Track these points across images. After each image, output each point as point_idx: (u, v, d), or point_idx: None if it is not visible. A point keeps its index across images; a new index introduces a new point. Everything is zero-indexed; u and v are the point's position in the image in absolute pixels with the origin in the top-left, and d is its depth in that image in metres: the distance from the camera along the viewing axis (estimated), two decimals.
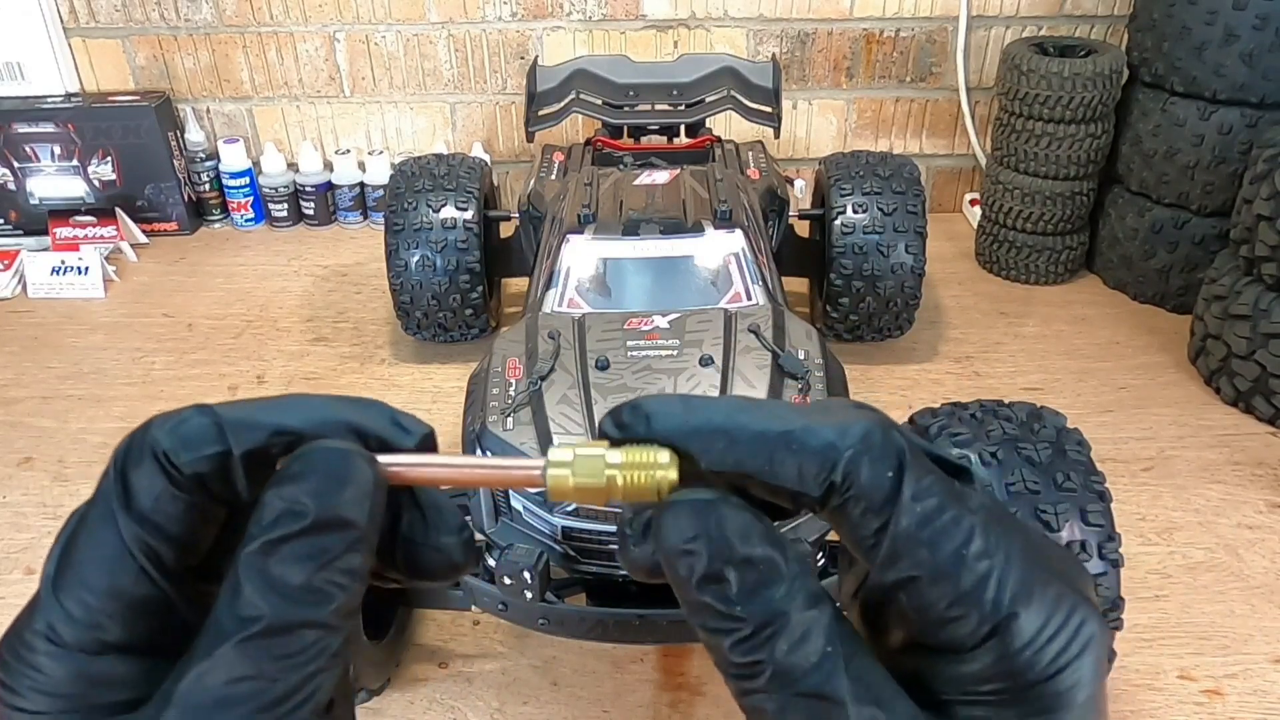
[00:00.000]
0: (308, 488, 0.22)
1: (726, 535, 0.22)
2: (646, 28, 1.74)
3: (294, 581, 0.21)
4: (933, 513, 0.22)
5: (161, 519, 0.23)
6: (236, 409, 0.24)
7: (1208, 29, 1.34)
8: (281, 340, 1.48)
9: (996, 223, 1.62)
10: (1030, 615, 0.21)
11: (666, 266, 1.04)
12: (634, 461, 0.24)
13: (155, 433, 0.23)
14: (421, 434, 0.25)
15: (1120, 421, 1.28)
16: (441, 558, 0.25)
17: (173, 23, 1.75)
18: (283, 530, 0.21)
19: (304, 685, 0.21)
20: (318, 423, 0.24)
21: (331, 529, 0.22)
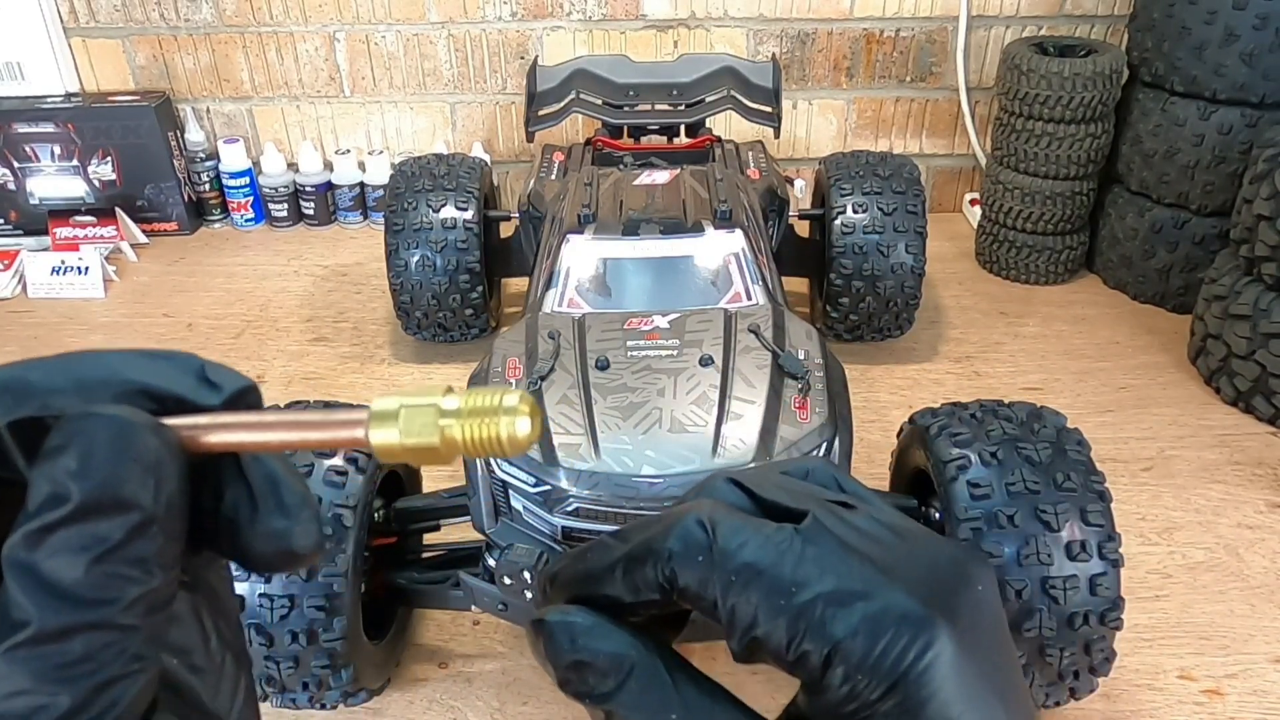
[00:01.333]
0: (68, 464, 0.18)
1: (561, 645, 0.24)
2: (646, 28, 1.74)
3: (68, 577, 0.18)
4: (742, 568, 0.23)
5: None
6: (3, 370, 0.20)
7: (1208, 29, 1.34)
8: (281, 340, 1.48)
9: (996, 223, 1.62)
10: (855, 639, 0.21)
11: (666, 266, 1.04)
12: (474, 407, 0.20)
13: None
14: (234, 389, 0.21)
15: (1120, 421, 1.28)
16: (274, 543, 0.21)
17: (173, 23, 1.75)
18: (46, 518, 0.18)
19: (95, 697, 0.18)
20: (98, 382, 0.20)
21: (105, 513, 0.18)
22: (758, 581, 0.22)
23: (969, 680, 0.21)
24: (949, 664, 0.21)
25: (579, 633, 0.24)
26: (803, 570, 0.22)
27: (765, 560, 0.22)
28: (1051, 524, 0.74)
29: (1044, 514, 0.74)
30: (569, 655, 0.24)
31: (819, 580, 0.22)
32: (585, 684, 0.24)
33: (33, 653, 0.17)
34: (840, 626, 0.21)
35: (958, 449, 0.79)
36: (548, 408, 0.85)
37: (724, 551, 0.23)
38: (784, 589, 0.22)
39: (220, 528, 0.21)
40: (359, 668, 0.83)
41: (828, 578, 0.22)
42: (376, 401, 0.20)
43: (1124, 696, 0.90)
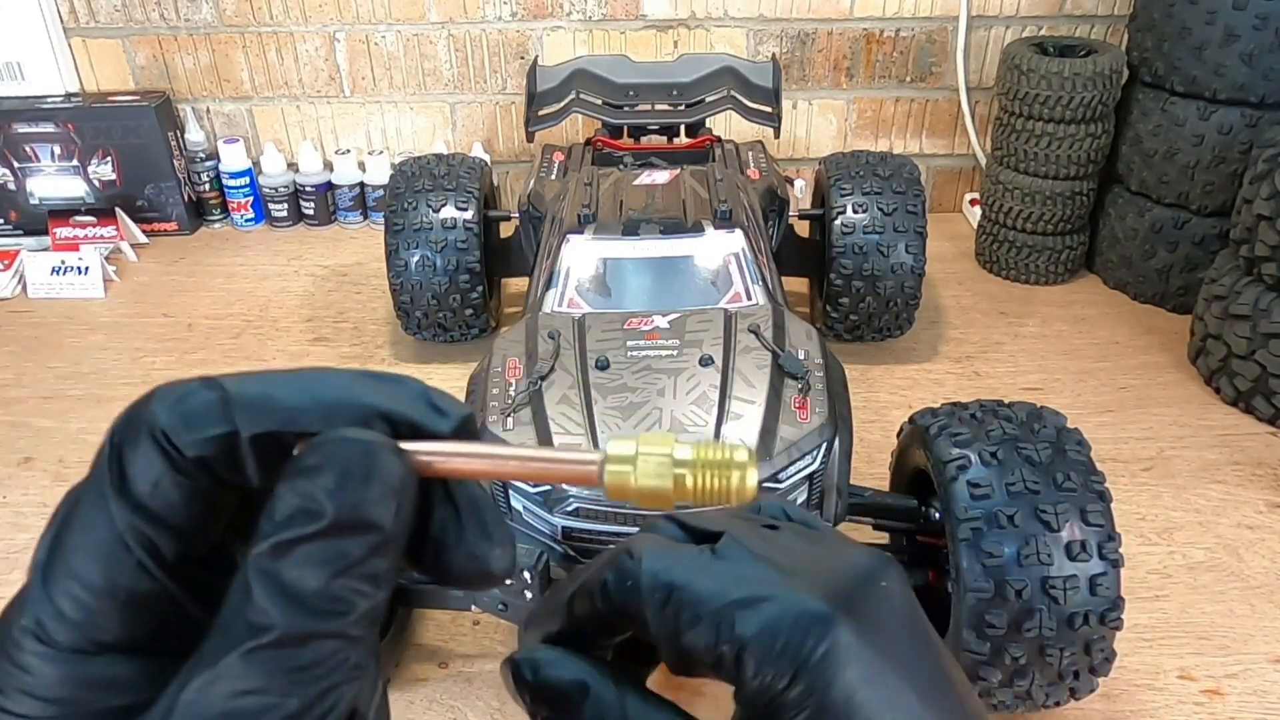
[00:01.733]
0: (324, 484, 0.19)
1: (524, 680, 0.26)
2: (646, 28, 1.74)
3: (310, 588, 0.19)
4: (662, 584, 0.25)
5: (160, 506, 0.20)
6: (249, 383, 0.21)
7: (1208, 29, 1.34)
8: (281, 340, 1.48)
9: (996, 223, 1.62)
10: (761, 636, 0.23)
11: (666, 266, 1.04)
12: (706, 459, 0.22)
13: (155, 407, 0.20)
14: (460, 417, 0.22)
15: (1120, 421, 1.28)
16: (475, 565, 0.22)
17: (173, 23, 1.75)
18: (296, 531, 0.19)
19: (320, 701, 0.19)
20: (340, 405, 0.21)
21: (352, 531, 0.19)
22: (677, 596, 0.24)
23: (872, 667, 0.22)
24: (848, 652, 0.22)
25: (541, 664, 0.26)
26: (715, 582, 0.24)
27: (683, 578, 0.24)
28: (1051, 524, 0.74)
29: (1044, 514, 0.74)
30: (531, 685, 0.25)
31: (730, 590, 0.23)
32: (547, 710, 0.25)
33: (272, 655, 0.19)
34: (748, 626, 0.23)
35: (958, 449, 0.79)
36: (548, 407, 0.85)
37: (648, 574, 0.24)
38: (700, 601, 0.24)
39: (426, 546, 0.22)
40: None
41: (738, 587, 0.24)
42: (612, 444, 0.22)
43: (1124, 696, 0.90)
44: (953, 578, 0.76)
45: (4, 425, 1.30)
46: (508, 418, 0.85)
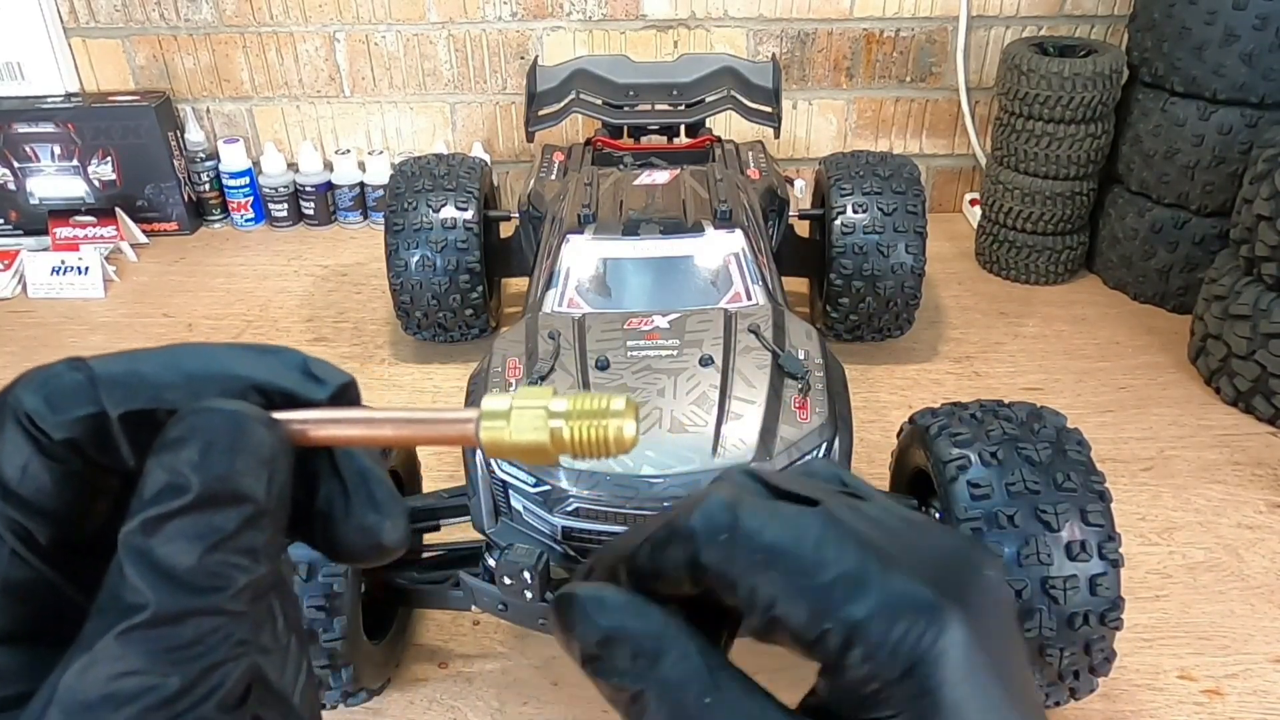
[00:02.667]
0: (189, 456, 0.19)
1: (592, 620, 0.23)
2: (646, 28, 1.74)
3: (182, 564, 0.18)
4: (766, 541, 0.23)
5: (30, 492, 0.19)
6: (115, 361, 0.20)
7: (1208, 29, 1.34)
8: (281, 340, 1.48)
9: (996, 223, 1.62)
10: (874, 621, 0.21)
11: (666, 266, 1.04)
12: (582, 409, 0.21)
13: (19, 391, 0.20)
14: (339, 384, 0.22)
15: (1120, 421, 1.28)
16: (365, 537, 0.22)
17: (173, 23, 1.75)
18: (165, 506, 0.19)
19: (202, 679, 0.18)
20: (209, 377, 0.21)
21: (222, 504, 0.19)
22: (779, 562, 0.22)
23: (978, 667, 0.21)
24: (961, 649, 0.21)
25: (611, 608, 0.23)
26: (822, 552, 0.22)
27: (786, 541, 0.22)
28: (1051, 524, 0.74)
29: (1044, 514, 0.74)
30: (599, 631, 0.23)
31: (838, 562, 0.22)
32: (614, 663, 0.23)
33: (147, 635, 0.18)
34: (860, 608, 0.21)
35: (958, 449, 0.79)
36: None
37: (746, 532, 0.23)
38: (805, 570, 0.22)
39: (313, 520, 0.22)
40: (359, 667, 0.83)
41: (846, 560, 0.22)
42: (487, 400, 0.21)
43: (1124, 696, 0.90)
44: None
45: None
46: None
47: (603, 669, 0.23)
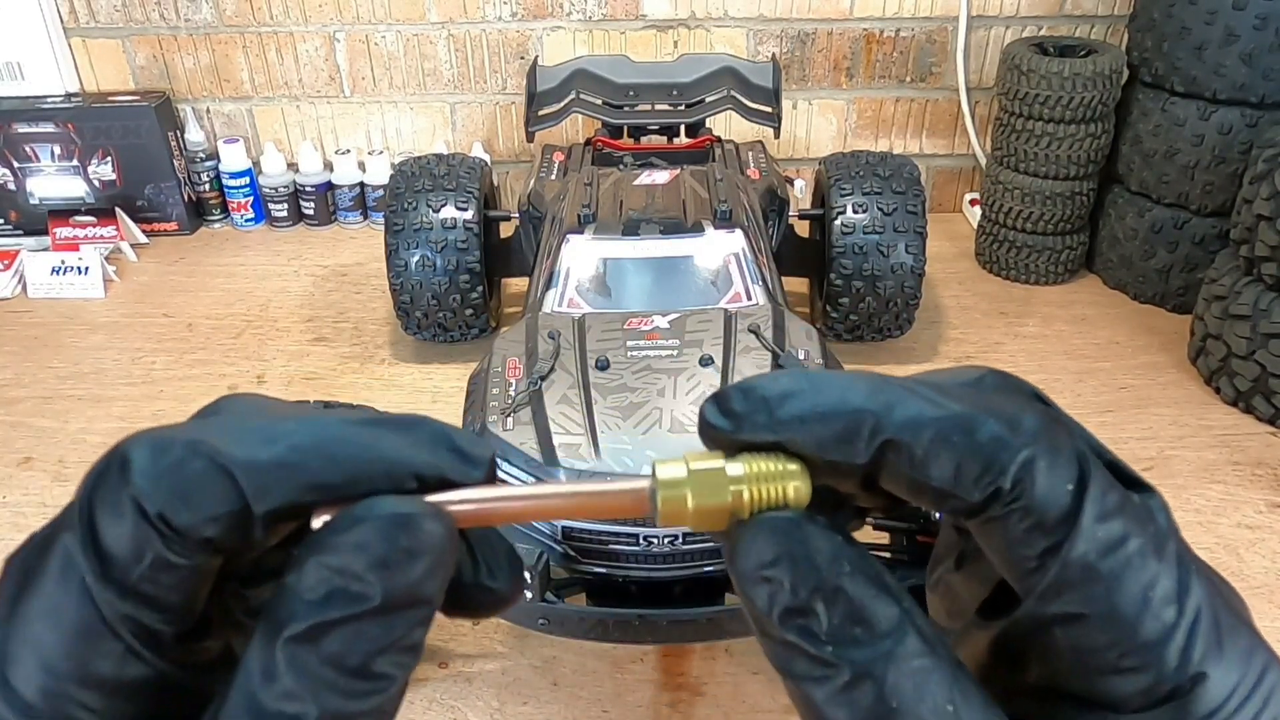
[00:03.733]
0: (370, 561, 0.18)
1: (815, 561, 0.18)
2: (646, 28, 1.74)
3: (350, 666, 0.17)
4: (1117, 541, 0.18)
5: (152, 589, 0.18)
6: (252, 447, 0.18)
7: (1208, 29, 1.34)
8: (281, 340, 1.48)
9: (996, 223, 1.62)
10: (1221, 676, 0.17)
11: (666, 266, 1.04)
12: (760, 473, 0.20)
13: (139, 481, 0.18)
14: (487, 460, 0.20)
15: (1120, 421, 1.28)
16: (487, 595, 0.21)
17: (173, 23, 1.75)
18: (340, 612, 0.17)
19: None
20: (365, 466, 0.19)
21: (402, 609, 0.18)
22: (1138, 563, 0.18)
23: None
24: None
25: (845, 557, 0.18)
26: (1181, 580, 0.19)
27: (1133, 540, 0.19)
28: None
29: None
30: (829, 579, 0.18)
31: (1189, 595, 0.18)
32: (846, 635, 0.18)
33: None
34: (1214, 662, 0.18)
35: None
36: (548, 407, 0.85)
37: (1101, 496, 0.19)
38: (1151, 584, 0.18)
39: None
40: None
41: (1203, 597, 0.19)
42: (661, 469, 0.20)
43: None
44: None
45: (4, 425, 1.30)
46: (508, 418, 0.85)
47: (809, 634, 0.18)
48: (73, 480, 1.20)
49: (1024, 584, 0.19)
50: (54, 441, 1.27)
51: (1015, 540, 0.18)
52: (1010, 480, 0.18)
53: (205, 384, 1.38)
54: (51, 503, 1.16)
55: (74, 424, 1.30)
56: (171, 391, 1.37)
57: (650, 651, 0.94)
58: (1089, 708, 0.18)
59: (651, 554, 0.80)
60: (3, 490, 1.18)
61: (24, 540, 0.19)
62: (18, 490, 1.18)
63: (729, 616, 0.79)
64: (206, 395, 1.38)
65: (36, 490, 1.18)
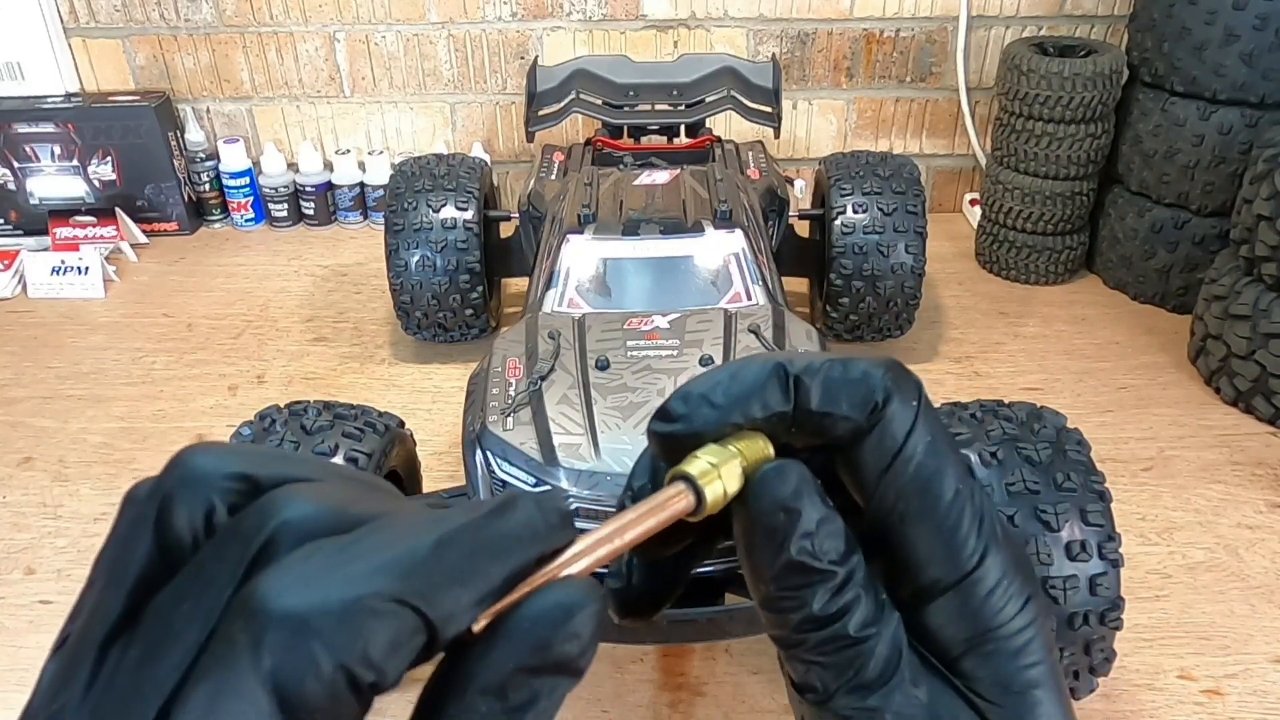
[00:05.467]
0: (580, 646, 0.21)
1: (813, 499, 0.22)
2: (646, 28, 1.74)
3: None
4: (942, 447, 0.24)
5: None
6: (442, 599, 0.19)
7: (1208, 29, 1.34)
8: (281, 340, 1.48)
9: (996, 223, 1.62)
10: (995, 561, 0.23)
11: (666, 266, 1.04)
12: (745, 447, 0.23)
13: (344, 653, 0.18)
14: (571, 516, 0.23)
15: (1120, 421, 1.28)
16: None
17: (173, 23, 1.75)
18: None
19: None
20: (512, 574, 0.21)
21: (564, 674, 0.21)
22: (953, 465, 0.24)
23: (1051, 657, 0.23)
24: (1046, 632, 0.23)
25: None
26: (974, 488, 0.24)
27: (950, 450, 0.24)
28: (1051, 524, 0.74)
29: (1044, 514, 0.74)
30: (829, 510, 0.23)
31: (979, 499, 0.24)
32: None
33: None
34: (991, 554, 0.23)
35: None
36: (548, 407, 0.85)
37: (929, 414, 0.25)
38: (959, 483, 0.23)
39: None
40: None
41: (988, 508, 0.24)
42: (689, 467, 0.23)
43: (1124, 696, 0.90)
44: None
45: (4, 425, 1.30)
46: (508, 418, 0.85)
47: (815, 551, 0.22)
48: (72, 480, 1.20)
49: (872, 487, 0.23)
50: (54, 441, 1.27)
51: (873, 448, 0.23)
52: (880, 398, 0.23)
53: (205, 384, 1.38)
54: (51, 503, 1.16)
55: (74, 424, 1.30)
56: (171, 391, 1.37)
57: (650, 651, 0.94)
58: (918, 602, 0.23)
59: None
60: (3, 490, 1.18)
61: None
62: (18, 490, 1.18)
63: (729, 617, 0.79)
64: (206, 395, 1.39)
65: (36, 490, 1.18)
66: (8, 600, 1.02)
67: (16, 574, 1.06)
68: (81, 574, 1.04)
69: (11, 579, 1.05)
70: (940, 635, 0.23)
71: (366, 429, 0.89)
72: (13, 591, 1.04)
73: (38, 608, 1.01)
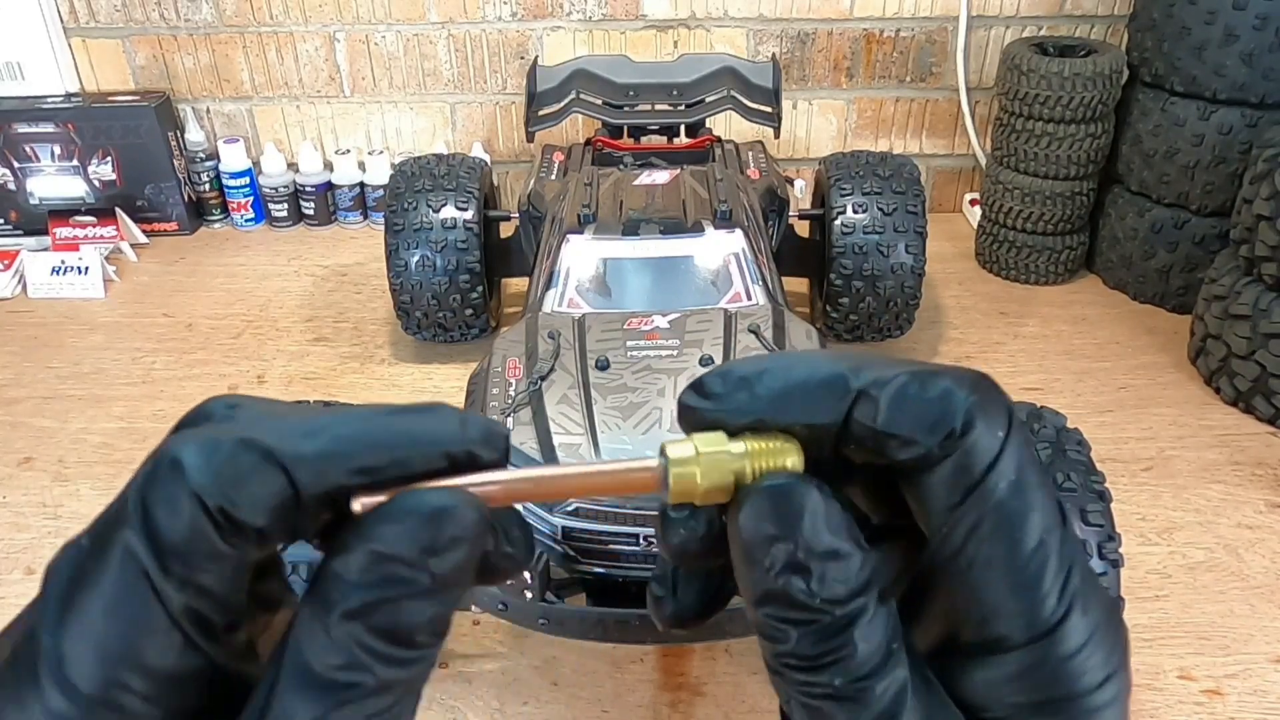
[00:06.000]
0: (420, 548, 0.19)
1: (816, 526, 0.20)
2: (646, 28, 1.74)
3: (397, 638, 0.19)
4: (1031, 486, 0.21)
5: (210, 580, 0.19)
6: (290, 437, 0.20)
7: (1208, 29, 1.34)
8: (281, 340, 1.48)
9: (996, 223, 1.62)
10: (1081, 622, 0.20)
11: (666, 266, 1.04)
12: (760, 450, 0.21)
13: (197, 478, 0.19)
14: (505, 438, 0.22)
15: (1120, 421, 1.28)
16: (512, 561, 0.22)
17: (173, 23, 1.75)
18: (392, 592, 0.19)
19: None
20: (401, 452, 0.21)
21: (448, 588, 0.20)
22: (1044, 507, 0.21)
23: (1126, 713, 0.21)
24: (1126, 688, 0.21)
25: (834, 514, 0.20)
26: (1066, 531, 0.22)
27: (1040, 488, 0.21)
28: None
29: None
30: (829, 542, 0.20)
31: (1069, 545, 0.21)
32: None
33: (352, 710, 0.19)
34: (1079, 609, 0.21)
35: None
36: (548, 408, 0.85)
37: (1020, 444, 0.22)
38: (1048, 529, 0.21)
39: None
40: None
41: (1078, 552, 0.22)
42: (671, 447, 0.21)
43: None
44: None
45: (4, 425, 1.30)
46: (508, 418, 0.85)
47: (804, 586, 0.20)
48: (72, 480, 1.20)
49: (940, 522, 0.21)
50: (54, 441, 1.27)
51: (944, 479, 0.20)
52: (960, 424, 0.20)
53: (205, 384, 1.38)
54: (51, 503, 1.16)
55: (74, 424, 1.30)
56: (171, 391, 1.37)
57: (650, 651, 0.94)
58: (971, 655, 0.20)
59: (651, 554, 0.80)
60: (3, 490, 1.18)
61: (62, 547, 0.20)
62: (18, 490, 1.18)
63: (729, 617, 0.79)
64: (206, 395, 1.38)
65: (36, 490, 1.18)
66: (7, 600, 1.02)
67: (16, 574, 1.06)
68: None
69: (11, 579, 1.05)
70: (991, 697, 0.20)
71: None
72: (12, 591, 1.04)
73: None
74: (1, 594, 1.03)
